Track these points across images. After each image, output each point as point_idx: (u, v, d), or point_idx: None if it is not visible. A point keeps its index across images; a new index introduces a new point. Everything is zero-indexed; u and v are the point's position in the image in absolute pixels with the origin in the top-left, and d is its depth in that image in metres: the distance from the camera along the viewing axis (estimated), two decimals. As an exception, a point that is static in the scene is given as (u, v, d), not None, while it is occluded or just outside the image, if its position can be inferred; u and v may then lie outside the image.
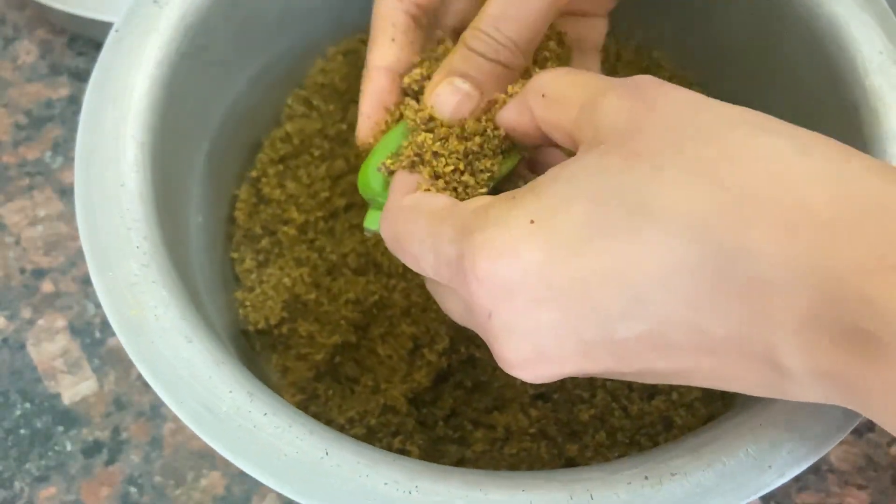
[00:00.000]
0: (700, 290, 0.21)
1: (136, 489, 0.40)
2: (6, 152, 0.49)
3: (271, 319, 0.39)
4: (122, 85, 0.32)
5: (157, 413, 0.42)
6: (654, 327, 0.21)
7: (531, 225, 0.22)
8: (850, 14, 0.34)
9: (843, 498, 0.40)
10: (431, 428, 0.38)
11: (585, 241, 0.22)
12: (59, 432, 0.42)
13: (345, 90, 0.44)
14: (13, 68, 0.52)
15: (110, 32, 0.33)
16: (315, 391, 0.38)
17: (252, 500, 0.40)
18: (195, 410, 0.26)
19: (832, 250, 0.19)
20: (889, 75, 0.32)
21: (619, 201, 0.21)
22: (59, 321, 0.44)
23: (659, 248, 0.21)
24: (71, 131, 0.50)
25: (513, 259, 0.22)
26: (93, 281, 0.28)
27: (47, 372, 0.43)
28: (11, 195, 0.48)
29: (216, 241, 0.40)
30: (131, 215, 0.30)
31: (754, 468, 0.25)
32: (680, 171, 0.21)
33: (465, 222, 0.24)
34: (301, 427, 0.26)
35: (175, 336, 0.28)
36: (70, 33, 0.53)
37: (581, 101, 0.25)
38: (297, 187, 0.42)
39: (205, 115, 0.38)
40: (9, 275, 0.45)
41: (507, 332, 0.23)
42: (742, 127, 0.22)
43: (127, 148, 0.31)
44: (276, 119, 0.43)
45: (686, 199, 0.21)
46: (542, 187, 0.23)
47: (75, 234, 0.46)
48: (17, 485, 0.40)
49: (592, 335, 0.22)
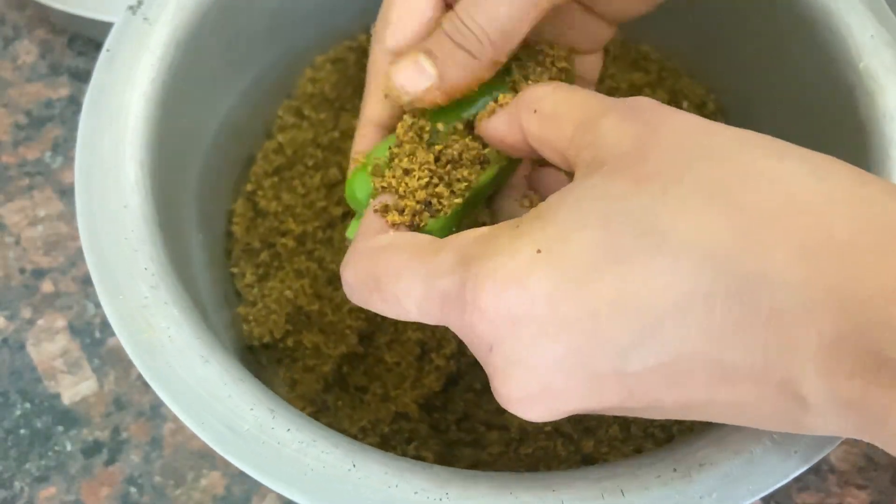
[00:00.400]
0: (717, 318, 0.20)
1: (136, 489, 0.40)
2: (6, 152, 0.49)
3: (276, 333, 0.39)
4: (117, 105, 0.32)
5: (156, 413, 0.42)
6: (669, 359, 0.20)
7: (539, 255, 0.21)
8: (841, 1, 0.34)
9: (844, 498, 0.40)
10: (444, 432, 0.37)
11: (595, 269, 0.21)
12: (59, 432, 0.42)
13: (335, 98, 0.44)
14: (13, 68, 0.52)
15: (101, 52, 0.33)
16: (325, 403, 0.38)
17: (252, 500, 0.40)
18: (218, 431, 0.26)
19: (854, 274, 0.19)
20: (882, 57, 0.33)
21: (628, 226, 0.21)
22: (59, 321, 0.44)
23: (673, 275, 0.20)
24: (71, 131, 0.50)
25: (520, 290, 0.21)
26: (103, 306, 0.28)
27: (47, 372, 0.43)
28: (11, 195, 0.48)
29: (216, 258, 0.39)
30: (136, 236, 0.30)
31: (780, 454, 0.26)
32: (692, 194, 0.20)
33: (466, 251, 0.23)
34: (325, 441, 0.26)
35: (191, 356, 0.27)
36: (70, 33, 0.53)
37: (577, 121, 0.24)
38: (292, 198, 0.42)
39: (199, 130, 0.37)
40: (9, 275, 0.45)
41: (511, 366, 0.22)
42: (754, 149, 0.21)
43: (127, 169, 0.31)
44: (268, 131, 0.43)
45: (700, 223, 0.20)
46: (547, 214, 0.22)
47: (75, 235, 0.46)
48: (17, 485, 0.40)
49: (603, 368, 0.21)
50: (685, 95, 0.43)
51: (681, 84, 0.43)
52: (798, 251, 0.19)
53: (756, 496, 0.25)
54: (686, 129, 0.22)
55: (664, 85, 0.43)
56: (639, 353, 0.21)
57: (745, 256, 0.19)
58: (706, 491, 0.25)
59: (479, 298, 0.21)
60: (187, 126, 0.36)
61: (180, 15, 0.34)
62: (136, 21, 0.34)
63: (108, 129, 0.31)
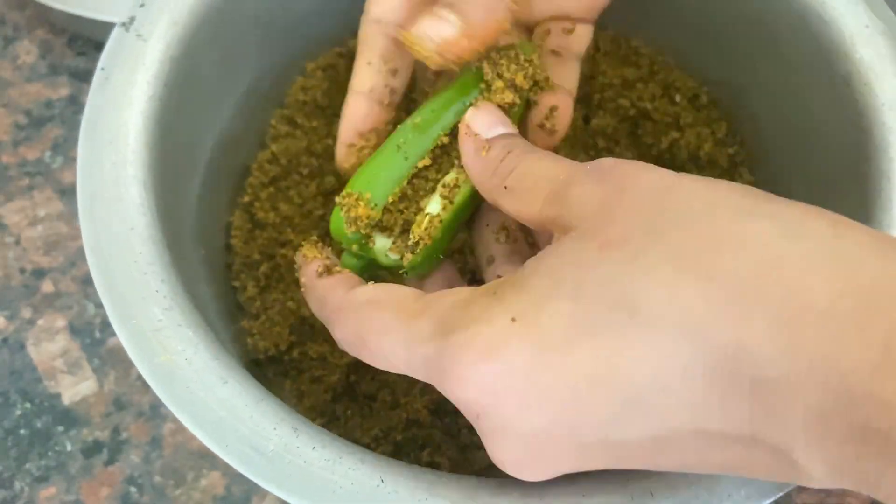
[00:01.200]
0: (699, 391, 0.19)
1: (135, 489, 0.40)
2: (6, 152, 0.49)
3: (280, 345, 0.39)
4: (115, 125, 0.31)
5: (156, 413, 0.42)
6: (653, 431, 0.20)
7: (513, 324, 0.21)
8: (833, -10, 0.34)
9: (843, 498, 0.40)
10: (456, 436, 0.37)
11: (570, 341, 0.20)
12: (59, 432, 0.42)
13: (327, 105, 0.43)
14: (13, 68, 0.52)
15: (96, 71, 0.32)
16: (334, 413, 0.38)
17: (252, 500, 0.40)
18: (242, 452, 0.26)
19: (834, 345, 0.18)
20: (877, 46, 0.33)
21: (599, 297, 0.20)
22: (59, 321, 0.44)
23: (647, 349, 0.20)
24: (71, 131, 0.50)
25: (497, 360, 0.21)
26: (116, 331, 0.28)
27: (47, 372, 0.43)
28: (11, 195, 0.48)
29: (217, 272, 0.39)
30: (145, 259, 0.29)
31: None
32: (662, 263, 0.20)
33: (443, 317, 0.23)
34: (352, 457, 0.26)
35: (210, 378, 0.27)
36: (70, 33, 0.53)
37: (545, 193, 0.24)
38: (290, 208, 0.41)
39: (196, 145, 0.37)
40: (9, 275, 0.45)
41: (499, 434, 0.22)
42: (722, 210, 0.21)
43: (131, 190, 0.30)
44: (262, 142, 0.43)
45: (671, 293, 0.20)
46: (522, 281, 0.22)
47: (75, 235, 0.46)
48: (18, 485, 0.40)
49: (588, 438, 0.21)
50: (677, 89, 0.43)
51: (673, 77, 0.43)
52: (776, 321, 0.19)
53: (782, 491, 0.25)
54: (652, 189, 0.22)
55: (656, 79, 0.43)
56: (622, 427, 0.20)
57: (721, 327, 0.19)
58: (734, 489, 0.25)
59: (457, 369, 0.22)
60: (185, 141, 0.36)
61: (173, 30, 0.34)
62: (129, 38, 0.33)
63: (108, 151, 0.31)
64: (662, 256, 0.20)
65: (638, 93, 0.43)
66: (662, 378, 0.20)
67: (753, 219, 0.20)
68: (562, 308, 0.21)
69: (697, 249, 0.20)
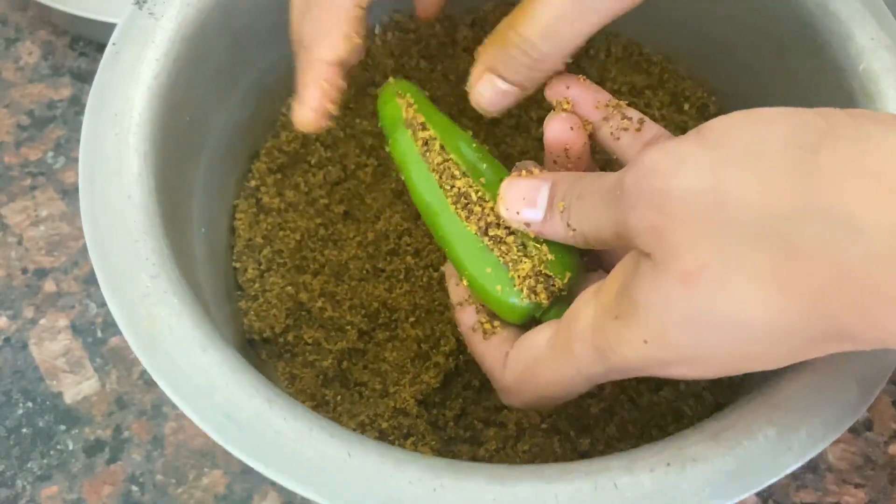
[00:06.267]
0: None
1: (137, 488, 0.40)
2: (8, 153, 0.49)
3: (276, 328, 0.39)
4: (122, 98, 0.32)
5: (158, 412, 0.42)
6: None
7: (646, 344, 0.24)
8: (841, 3, 0.34)
9: (841, 496, 0.40)
10: (442, 429, 0.38)
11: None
12: (61, 431, 0.42)
13: (338, 97, 0.44)
14: (15, 69, 0.52)
15: (107, 46, 0.33)
16: (324, 397, 0.38)
17: (253, 498, 0.40)
18: (216, 420, 0.26)
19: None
20: (882, 60, 0.33)
21: (708, 329, 0.22)
22: (61, 321, 0.44)
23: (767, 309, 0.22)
24: (73, 132, 0.50)
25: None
26: (105, 297, 0.28)
27: (49, 371, 0.43)
28: (14, 195, 0.48)
29: (218, 252, 0.40)
30: (138, 228, 0.30)
31: (774, 450, 0.26)
32: (750, 280, 0.21)
33: (595, 345, 0.26)
34: (322, 430, 0.26)
35: (190, 346, 0.28)
36: (72, 34, 0.54)
37: (609, 232, 0.26)
38: (295, 195, 0.42)
39: (203, 126, 0.38)
40: (11, 274, 0.46)
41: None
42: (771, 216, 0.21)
43: (130, 160, 0.31)
44: (272, 128, 0.43)
45: (769, 305, 0.21)
46: (633, 310, 0.24)
47: (77, 234, 0.47)
48: (20, 483, 0.40)
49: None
50: (686, 98, 0.43)
51: (682, 86, 0.43)
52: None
53: (749, 492, 0.25)
54: (695, 204, 0.22)
55: (665, 87, 0.43)
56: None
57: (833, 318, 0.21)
58: (699, 485, 0.25)
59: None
60: (192, 121, 0.36)
61: (186, 10, 0.35)
62: (142, 16, 0.34)
63: (112, 123, 0.32)
64: (749, 275, 0.21)
65: (646, 99, 0.43)
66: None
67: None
68: (681, 335, 0.23)
69: (772, 265, 0.21)
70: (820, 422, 0.26)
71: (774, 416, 0.27)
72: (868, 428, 0.42)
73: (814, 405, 0.27)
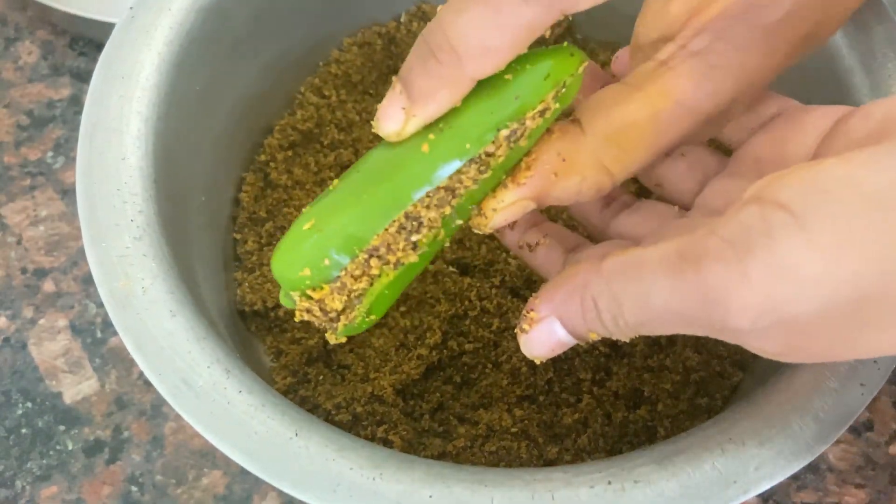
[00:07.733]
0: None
1: (137, 488, 0.41)
2: (8, 152, 0.49)
3: (268, 301, 0.40)
4: (131, 61, 0.33)
5: (158, 412, 0.42)
6: None
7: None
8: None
9: (842, 497, 0.40)
10: (417, 420, 0.38)
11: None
12: (61, 431, 0.42)
13: (358, 81, 0.44)
14: (15, 69, 0.52)
15: (126, 11, 0.34)
16: (306, 375, 0.39)
17: (253, 499, 0.40)
18: (173, 383, 0.27)
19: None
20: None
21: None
22: (61, 321, 0.45)
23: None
24: (72, 131, 0.50)
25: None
26: (87, 252, 0.29)
27: (49, 371, 0.43)
28: (13, 195, 0.48)
29: (219, 221, 0.40)
30: (129, 189, 0.31)
31: (719, 482, 0.25)
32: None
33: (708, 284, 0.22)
34: (273, 407, 0.27)
35: (160, 309, 0.28)
36: (71, 34, 0.54)
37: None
38: (304, 174, 0.42)
39: (215, 97, 0.38)
40: (10, 274, 0.46)
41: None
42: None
43: (131, 123, 0.32)
44: (287, 105, 0.44)
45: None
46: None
47: (77, 234, 0.47)
48: (19, 484, 0.41)
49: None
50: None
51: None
52: None
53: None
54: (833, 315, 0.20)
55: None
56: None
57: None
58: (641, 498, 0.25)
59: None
60: (203, 91, 0.37)
61: (206, -19, 0.35)
62: (162, -17, 0.35)
63: (118, 84, 0.32)
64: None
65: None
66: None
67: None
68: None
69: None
70: (772, 459, 0.26)
71: (728, 447, 0.26)
72: (869, 428, 0.41)
73: (769, 441, 0.26)
